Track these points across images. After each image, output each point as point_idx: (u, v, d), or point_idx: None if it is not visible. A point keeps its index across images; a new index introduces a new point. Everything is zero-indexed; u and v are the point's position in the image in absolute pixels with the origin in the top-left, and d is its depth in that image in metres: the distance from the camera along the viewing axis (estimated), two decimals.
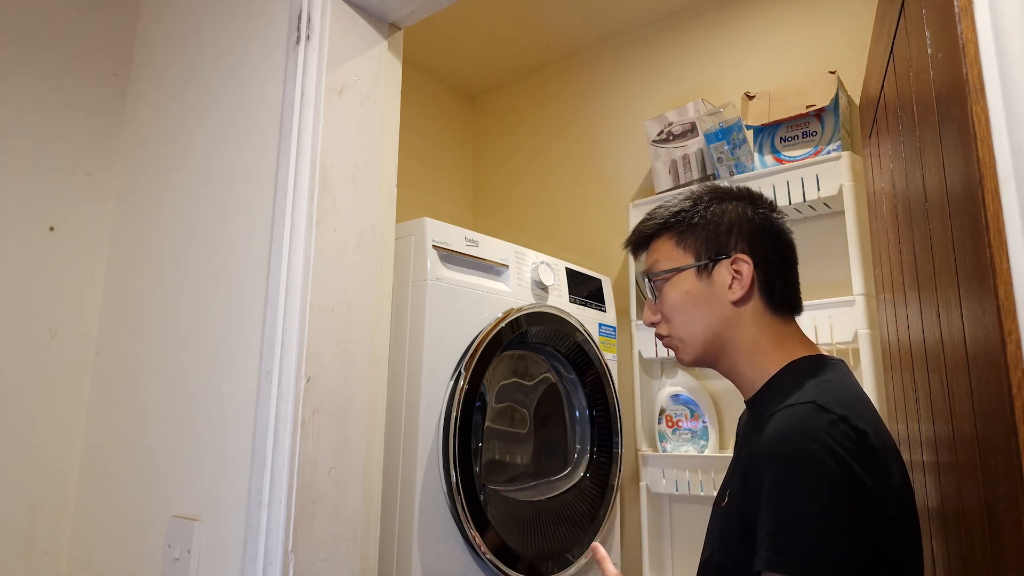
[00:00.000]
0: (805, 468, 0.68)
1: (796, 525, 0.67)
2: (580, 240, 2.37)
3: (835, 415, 0.72)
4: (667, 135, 2.00)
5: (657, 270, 0.91)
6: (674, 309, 0.89)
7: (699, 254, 0.89)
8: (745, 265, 0.87)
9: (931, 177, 0.86)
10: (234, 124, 1.24)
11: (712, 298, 0.87)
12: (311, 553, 0.98)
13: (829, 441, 0.69)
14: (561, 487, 1.68)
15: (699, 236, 0.89)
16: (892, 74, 1.11)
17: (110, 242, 1.46)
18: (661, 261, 0.91)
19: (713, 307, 0.87)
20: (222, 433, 1.10)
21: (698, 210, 0.90)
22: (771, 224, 0.91)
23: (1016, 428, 0.57)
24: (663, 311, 0.91)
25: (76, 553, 1.32)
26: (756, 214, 0.90)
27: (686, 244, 0.90)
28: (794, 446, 0.70)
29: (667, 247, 0.92)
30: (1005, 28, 0.63)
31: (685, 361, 0.92)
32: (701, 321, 0.88)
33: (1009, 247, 0.59)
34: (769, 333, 0.87)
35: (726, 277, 0.87)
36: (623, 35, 2.39)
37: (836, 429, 0.70)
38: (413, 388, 1.40)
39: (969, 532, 0.79)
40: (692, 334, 0.89)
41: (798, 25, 1.98)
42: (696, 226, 0.90)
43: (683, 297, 0.89)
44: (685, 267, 0.89)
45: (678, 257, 0.90)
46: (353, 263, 1.11)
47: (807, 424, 0.71)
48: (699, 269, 0.88)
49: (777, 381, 0.85)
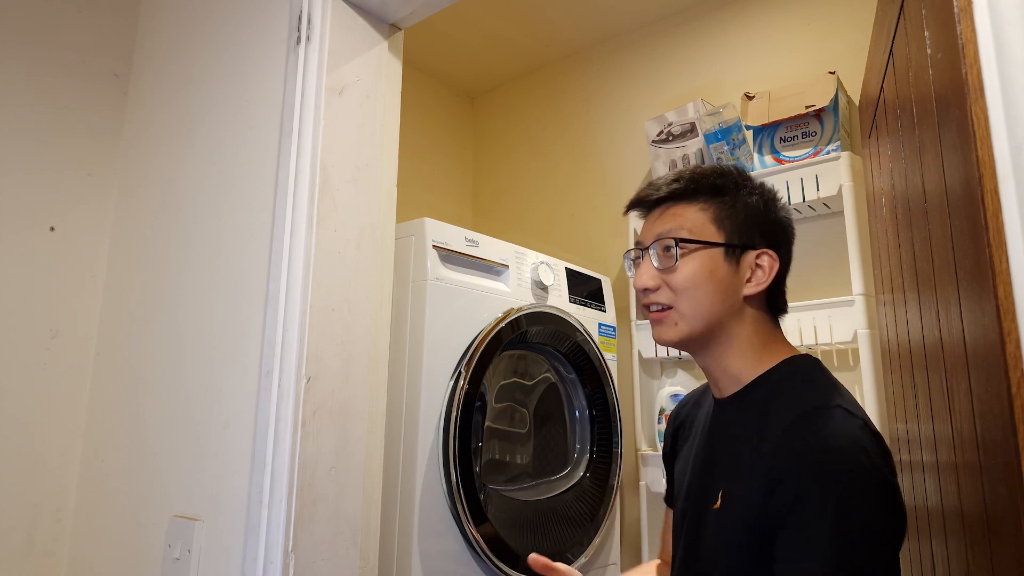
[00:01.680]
0: (854, 482, 0.69)
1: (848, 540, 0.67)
2: (580, 240, 2.37)
3: (860, 419, 0.73)
4: (667, 135, 2.00)
5: (684, 237, 0.84)
6: (689, 283, 0.83)
7: (732, 237, 0.84)
8: (769, 261, 0.85)
9: (930, 177, 0.86)
10: (234, 124, 1.24)
11: (730, 285, 0.84)
12: (311, 553, 0.98)
13: (869, 451, 0.70)
14: (561, 487, 1.68)
15: (736, 218, 0.85)
16: (891, 74, 1.12)
17: (110, 242, 1.46)
18: (688, 230, 0.85)
19: (728, 294, 0.84)
20: (222, 433, 1.10)
21: (740, 191, 0.87)
22: (791, 228, 0.90)
23: (1016, 428, 0.57)
24: (673, 281, 0.84)
25: (76, 553, 1.32)
26: (780, 215, 0.89)
27: (721, 221, 0.85)
28: (837, 460, 0.70)
29: (700, 217, 0.85)
30: (1005, 28, 0.63)
31: (671, 338, 0.86)
32: (712, 304, 0.83)
33: (1008, 247, 0.59)
34: (763, 332, 0.86)
35: (746, 269, 0.85)
36: (623, 35, 2.40)
37: (865, 436, 0.71)
38: (413, 388, 1.40)
39: (969, 532, 0.79)
40: (697, 313, 0.84)
41: (798, 25, 1.98)
42: (736, 207, 0.85)
43: (705, 274, 0.83)
44: (718, 244, 0.84)
45: (711, 232, 0.85)
46: (353, 263, 1.11)
47: (845, 432, 0.71)
48: (727, 252, 0.84)
49: (773, 380, 0.83)
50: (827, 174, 1.68)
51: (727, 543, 0.77)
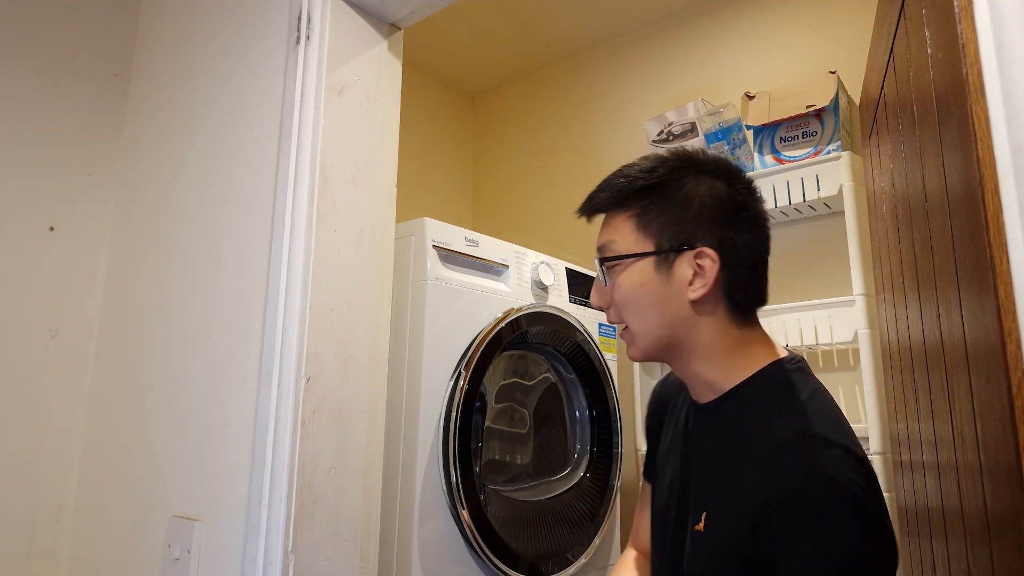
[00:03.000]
0: (842, 528, 0.65)
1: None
2: (580, 240, 2.37)
3: (841, 448, 0.69)
4: (667, 135, 2.00)
5: (610, 253, 0.80)
6: (626, 300, 0.79)
7: (660, 242, 0.78)
8: (709, 261, 0.76)
9: (931, 177, 0.86)
10: (234, 124, 1.24)
11: (669, 294, 0.77)
12: (311, 553, 0.98)
13: (852, 488, 0.66)
14: (561, 487, 1.68)
15: (663, 219, 0.78)
16: (892, 74, 1.11)
17: (110, 242, 1.46)
18: (616, 242, 0.80)
19: (669, 304, 0.77)
20: (222, 433, 1.10)
21: (665, 186, 0.79)
22: (747, 210, 0.79)
23: (1016, 428, 0.57)
24: (614, 298, 0.81)
25: (76, 553, 1.32)
26: (732, 197, 0.79)
27: (647, 227, 0.78)
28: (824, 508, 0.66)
29: (625, 227, 0.80)
30: (1005, 28, 0.63)
31: (633, 356, 0.82)
32: (654, 317, 0.78)
33: (1009, 247, 0.59)
34: (729, 337, 0.79)
35: (687, 271, 0.77)
36: (623, 35, 2.40)
37: (848, 466, 0.68)
38: (413, 388, 1.40)
39: (969, 532, 0.79)
40: (644, 329, 0.79)
41: (798, 25, 1.98)
42: (661, 206, 0.78)
43: (637, 289, 0.78)
44: (642, 254, 0.78)
45: (636, 241, 0.79)
46: (353, 263, 1.11)
47: (826, 467, 0.68)
48: (658, 259, 0.77)
49: (750, 391, 0.78)
50: (827, 174, 1.68)
51: (710, 566, 0.75)
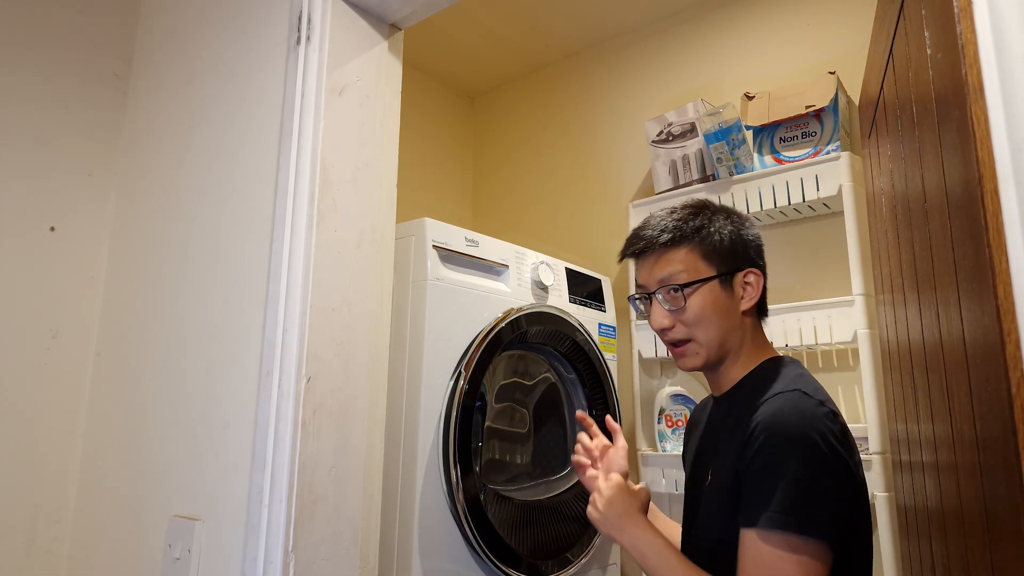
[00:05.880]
0: (802, 445, 0.82)
1: (796, 491, 0.80)
2: (580, 240, 2.37)
3: (816, 400, 0.87)
4: (667, 135, 2.00)
5: (681, 281, 0.98)
6: (700, 316, 0.97)
7: (721, 266, 0.98)
8: (755, 277, 1.00)
9: (930, 177, 0.86)
10: (234, 124, 1.24)
11: (731, 308, 0.98)
12: (311, 553, 0.98)
13: (817, 423, 0.84)
14: (561, 486, 1.68)
15: (720, 249, 0.99)
16: (891, 74, 1.12)
17: (110, 242, 1.46)
18: (684, 272, 0.98)
19: (731, 316, 0.98)
20: (222, 433, 1.10)
21: (715, 225, 1.00)
22: (760, 241, 1.04)
23: (1016, 428, 0.57)
24: (685, 319, 0.98)
25: (76, 553, 1.32)
26: (748, 232, 1.02)
27: (710, 256, 0.99)
28: (791, 427, 0.84)
29: (690, 257, 0.99)
30: (1005, 28, 0.63)
31: (695, 365, 1.00)
32: (721, 329, 0.98)
33: (1008, 247, 0.59)
34: (752, 337, 1.01)
35: (739, 289, 0.99)
36: (623, 35, 2.40)
37: (819, 411, 0.85)
38: (413, 388, 1.40)
39: (969, 532, 0.79)
40: (712, 339, 0.98)
41: (798, 25, 1.98)
42: (716, 240, 0.99)
43: (710, 306, 0.97)
44: (713, 277, 0.98)
45: (704, 269, 0.98)
46: (353, 263, 1.11)
47: (799, 407, 0.86)
48: (722, 280, 0.98)
49: (754, 377, 0.98)
50: (827, 174, 1.68)
51: (713, 511, 0.92)
